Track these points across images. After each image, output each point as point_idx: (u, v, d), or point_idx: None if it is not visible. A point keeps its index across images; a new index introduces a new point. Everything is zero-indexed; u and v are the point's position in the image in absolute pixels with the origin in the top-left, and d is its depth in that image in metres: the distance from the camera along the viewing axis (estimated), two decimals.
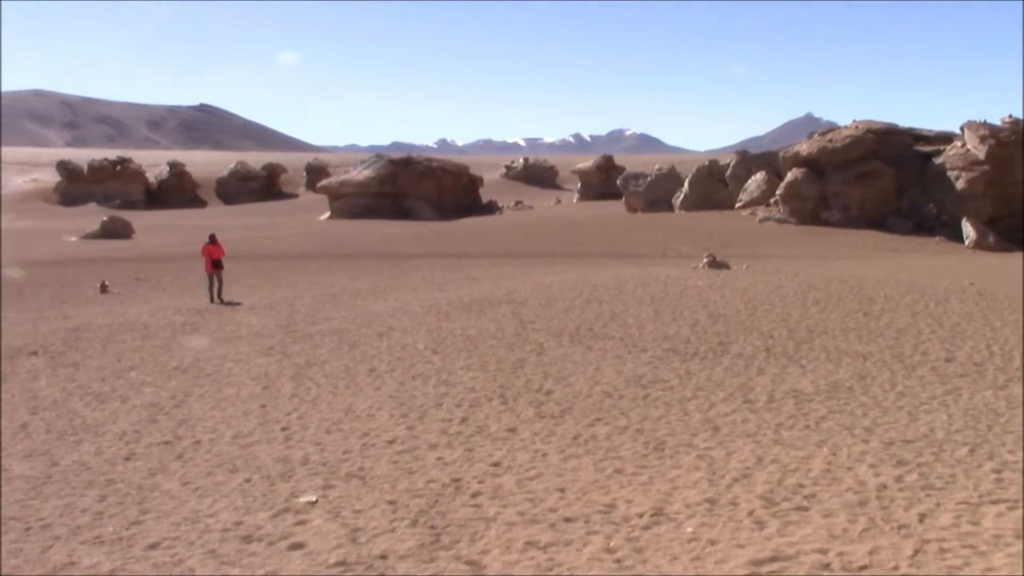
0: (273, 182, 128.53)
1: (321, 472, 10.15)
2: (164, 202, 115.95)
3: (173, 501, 9.46)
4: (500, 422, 12.03)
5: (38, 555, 8.22)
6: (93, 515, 9.17)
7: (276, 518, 8.77)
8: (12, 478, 10.61)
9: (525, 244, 50.29)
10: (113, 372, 16.46)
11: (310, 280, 32.91)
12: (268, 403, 13.60)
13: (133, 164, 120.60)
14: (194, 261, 41.94)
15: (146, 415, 13.27)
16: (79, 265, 42.73)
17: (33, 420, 13.33)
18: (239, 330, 20.56)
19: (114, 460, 11.11)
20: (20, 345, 19.72)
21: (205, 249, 27.69)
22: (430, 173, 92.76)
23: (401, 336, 18.57)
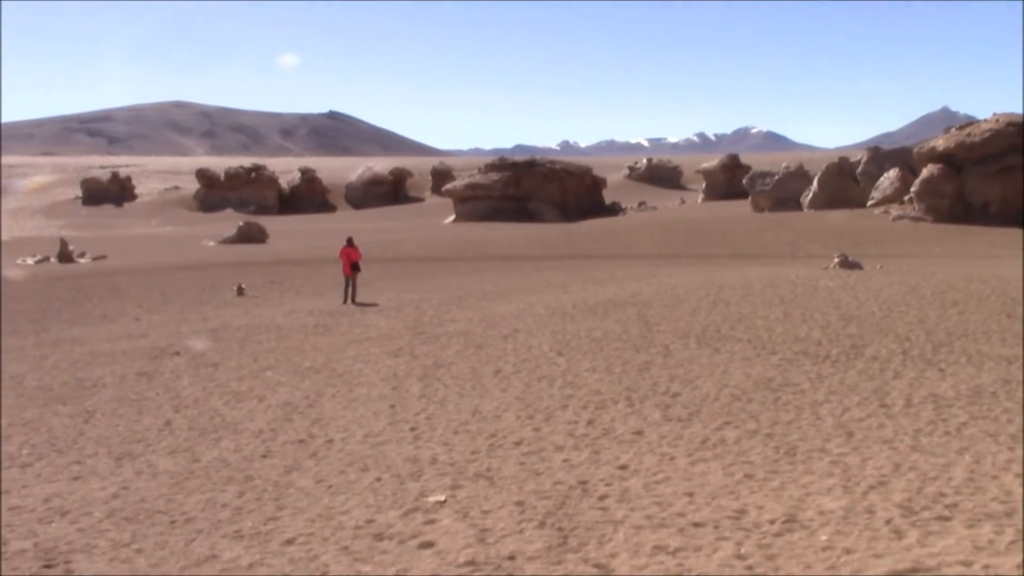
0: (400, 186, 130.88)
1: (449, 472, 10.28)
2: (296, 207, 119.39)
3: (307, 498, 9.73)
4: (626, 425, 11.96)
5: (182, 547, 8.57)
6: (233, 510, 9.51)
7: (406, 517, 8.93)
8: (158, 473, 11.11)
9: (649, 245, 49.90)
10: (250, 372, 17.04)
11: (436, 282, 33.40)
12: (397, 403, 13.85)
13: (267, 171, 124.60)
14: (325, 264, 43.11)
15: (281, 414, 13.70)
16: (217, 269, 44.41)
17: (176, 418, 13.92)
18: (368, 331, 21.01)
19: (252, 457, 11.50)
20: (164, 346, 20.62)
21: (343, 252, 28.49)
22: (553, 175, 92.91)
23: (526, 338, 18.66)
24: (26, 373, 18.46)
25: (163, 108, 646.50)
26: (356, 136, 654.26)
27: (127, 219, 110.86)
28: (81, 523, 9.46)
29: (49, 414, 14.73)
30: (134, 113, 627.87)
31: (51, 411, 14.95)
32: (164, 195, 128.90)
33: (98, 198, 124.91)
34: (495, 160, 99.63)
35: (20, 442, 13.10)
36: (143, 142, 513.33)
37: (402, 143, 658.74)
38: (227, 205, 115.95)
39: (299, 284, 35.70)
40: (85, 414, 14.57)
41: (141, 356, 19.55)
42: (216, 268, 45.17)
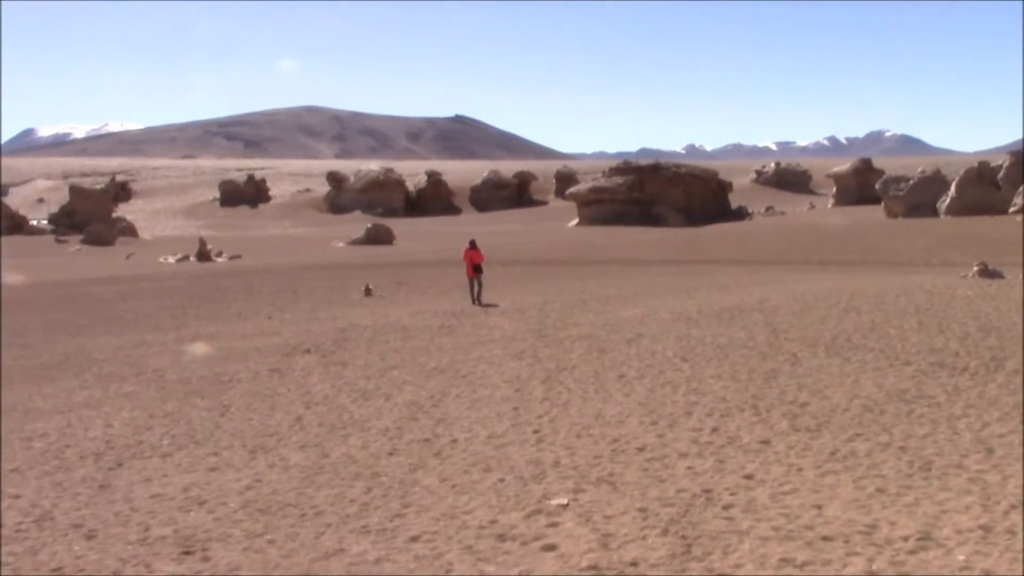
0: (524, 189, 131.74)
1: (572, 476, 10.29)
2: (422, 210, 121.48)
3: (432, 496, 9.88)
4: (752, 433, 11.75)
5: (312, 540, 8.82)
6: (360, 505, 9.74)
7: (529, 519, 8.98)
8: (289, 467, 11.46)
9: (777, 251, 48.89)
10: (377, 371, 17.41)
11: (559, 285, 33.46)
12: (520, 405, 13.94)
13: (394, 174, 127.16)
14: (450, 266, 43.70)
15: (407, 413, 13.95)
16: (346, 269, 45.51)
17: (307, 414, 14.33)
18: (492, 333, 21.20)
19: (378, 454, 11.75)
20: (295, 343, 21.26)
21: (467, 254, 28.96)
22: (678, 179, 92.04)
23: (650, 343, 18.53)
24: (167, 367, 19.30)
25: (296, 113, 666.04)
26: (482, 140, 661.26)
27: (261, 220, 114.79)
28: (217, 512, 9.84)
29: (188, 407, 15.36)
30: (269, 117, 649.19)
31: (190, 404, 15.59)
32: (296, 197, 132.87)
33: (234, 200, 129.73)
34: (619, 164, 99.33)
35: (161, 433, 13.71)
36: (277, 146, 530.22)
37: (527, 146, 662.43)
38: (356, 207, 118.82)
39: (424, 285, 36.29)
40: (221, 408, 15.14)
41: (274, 353, 20.19)
42: (345, 269, 46.30)
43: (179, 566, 8.45)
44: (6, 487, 11.46)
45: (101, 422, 14.67)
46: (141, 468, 11.91)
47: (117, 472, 11.82)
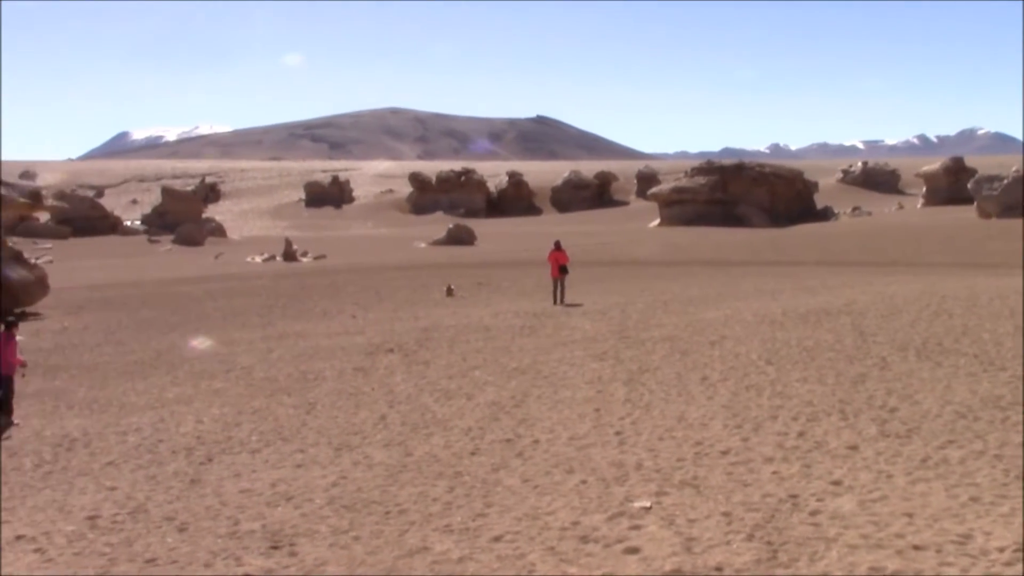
0: (605, 190, 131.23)
1: (655, 478, 10.22)
2: (503, 210, 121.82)
3: (514, 497, 9.91)
4: (840, 439, 11.52)
5: (396, 537, 8.92)
6: (443, 504, 9.82)
7: (611, 521, 8.95)
8: (373, 464, 11.62)
9: (864, 252, 47.85)
10: (459, 371, 17.53)
11: (641, 286, 33.25)
12: (602, 407, 13.89)
13: (476, 175, 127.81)
14: (530, 267, 43.75)
15: (489, 413, 14.02)
16: (428, 269, 45.91)
17: (390, 412, 14.50)
18: (573, 334, 21.17)
19: (461, 454, 11.83)
20: (379, 342, 21.52)
21: (552, 256, 29.11)
22: (762, 179, 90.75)
23: (734, 345, 18.30)
24: (254, 365, 19.71)
25: (380, 115, 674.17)
26: (563, 140, 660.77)
27: (345, 220, 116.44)
28: (304, 508, 10.02)
29: (275, 404, 15.68)
30: (353, 120, 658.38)
31: (277, 401, 15.90)
32: (379, 198, 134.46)
33: (319, 200, 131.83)
34: (702, 163, 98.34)
35: (249, 429, 14.02)
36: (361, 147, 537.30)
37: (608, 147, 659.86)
38: (438, 208, 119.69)
39: (505, 286, 36.40)
40: (307, 405, 15.41)
41: (358, 352, 20.48)
42: (427, 269, 46.70)
43: (267, 560, 8.63)
44: (102, 480, 11.85)
45: (192, 418, 15.07)
46: (230, 463, 12.20)
47: (207, 467, 12.12)
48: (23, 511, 10.70)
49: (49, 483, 11.89)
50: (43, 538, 9.68)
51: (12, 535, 9.82)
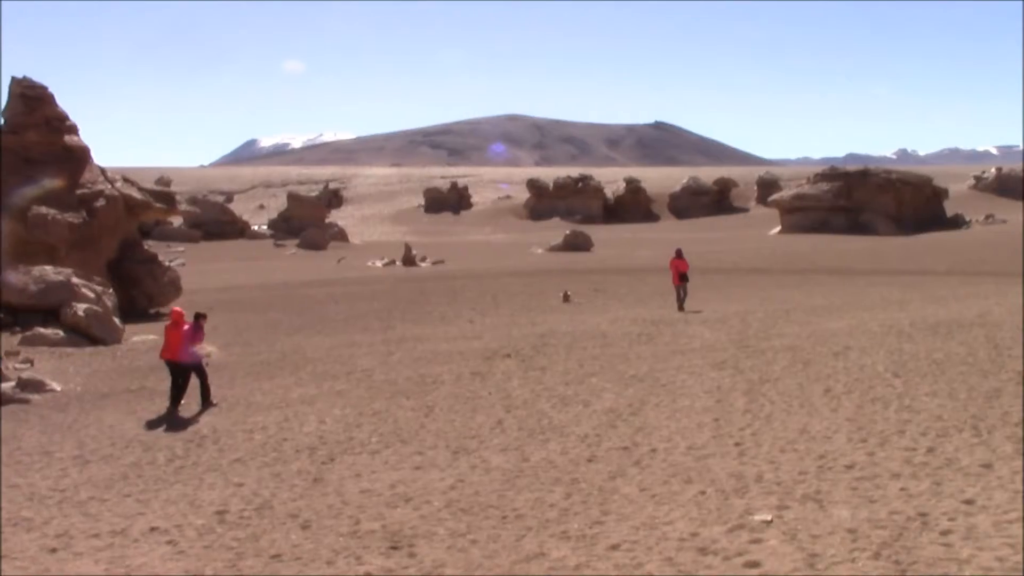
0: (724, 196, 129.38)
1: (776, 491, 9.99)
2: (620, 217, 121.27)
3: (632, 505, 9.84)
4: (972, 456, 11.05)
5: (513, 543, 8.96)
6: (560, 511, 9.81)
7: (731, 533, 8.79)
8: (490, 469, 11.70)
9: (998, 261, 45.90)
10: (576, 377, 17.51)
11: (761, 295, 32.66)
12: (721, 417, 13.67)
13: (593, 181, 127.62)
14: (648, 273, 43.47)
15: (606, 420, 13.95)
16: (544, 275, 46.04)
17: (507, 417, 14.58)
18: (692, 342, 20.92)
19: (577, 460, 11.81)
20: (496, 348, 21.67)
21: (673, 263, 29.06)
22: (888, 185, 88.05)
23: (859, 356, 17.77)
24: (375, 367, 20.10)
25: (498, 122, 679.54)
26: (681, 146, 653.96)
27: (463, 226, 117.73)
28: (423, 510, 10.16)
29: (394, 406, 15.94)
30: (472, 126, 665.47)
31: (396, 404, 16.17)
32: (497, 204, 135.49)
33: (438, 206, 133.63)
34: (825, 169, 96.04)
35: (370, 430, 14.30)
36: (479, 153, 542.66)
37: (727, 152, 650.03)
38: (555, 214, 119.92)
39: (623, 292, 36.24)
40: (426, 408, 15.63)
41: (475, 356, 20.66)
42: (543, 275, 46.84)
43: (387, 560, 8.77)
44: (230, 476, 12.25)
45: (315, 418, 15.45)
46: (351, 463, 12.46)
47: (329, 466, 12.41)
48: (157, 504, 11.15)
49: (180, 478, 12.36)
50: (175, 531, 10.07)
51: (147, 527, 10.25)
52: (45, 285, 28.20)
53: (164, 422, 16.01)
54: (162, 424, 15.84)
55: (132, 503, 11.27)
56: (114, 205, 36.62)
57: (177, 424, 15.76)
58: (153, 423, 15.97)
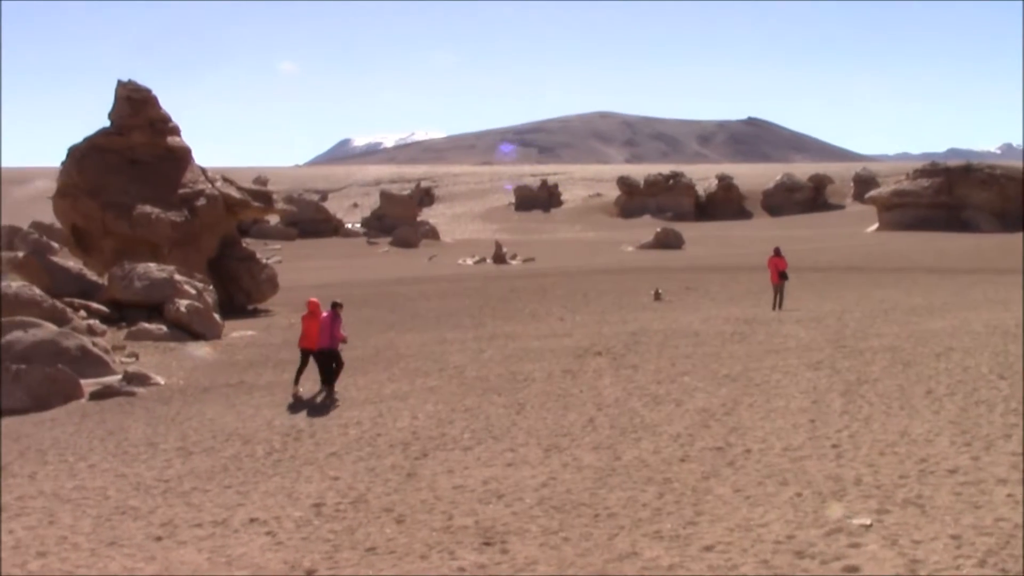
0: (819, 193, 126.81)
1: (875, 495, 9.76)
2: (711, 214, 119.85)
3: (726, 506, 9.72)
4: None
5: (605, 541, 8.95)
6: (652, 510, 9.76)
7: (828, 537, 8.62)
8: (582, 467, 11.69)
9: None
10: (668, 376, 17.37)
11: (859, 293, 31.94)
12: (817, 418, 13.41)
13: (684, 178, 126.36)
14: (740, 272, 42.88)
15: (698, 420, 13.81)
16: (635, 273, 45.78)
17: (598, 416, 14.55)
18: (787, 342, 20.56)
19: (670, 460, 11.72)
20: (587, 345, 21.63)
21: (771, 261, 28.71)
22: (992, 181, 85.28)
23: (962, 358, 17.23)
24: (466, 364, 20.25)
25: (589, 119, 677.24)
26: (775, 142, 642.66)
27: (553, 224, 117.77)
28: (515, 507, 10.21)
29: (486, 403, 16.04)
30: (562, 124, 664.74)
31: (488, 400, 16.27)
32: (587, 202, 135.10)
33: (528, 204, 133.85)
34: (925, 165, 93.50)
35: (462, 427, 14.42)
36: (570, 151, 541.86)
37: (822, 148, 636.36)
38: (645, 212, 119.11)
39: (714, 291, 35.80)
40: (517, 405, 15.69)
41: (566, 354, 20.65)
42: (634, 272, 46.57)
43: (480, 556, 8.84)
44: (326, 469, 12.49)
45: (408, 414, 15.65)
46: (444, 459, 12.59)
47: (422, 462, 12.56)
48: (256, 495, 11.44)
49: (279, 470, 12.65)
50: (274, 522, 10.32)
51: (247, 517, 10.52)
52: (149, 282, 29.13)
53: (261, 417, 16.37)
54: (262, 417, 16.23)
55: (232, 494, 11.58)
56: (214, 204, 37.62)
57: (276, 418, 16.12)
58: (252, 416, 16.37)
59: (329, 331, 18.01)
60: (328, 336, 17.98)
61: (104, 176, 36.86)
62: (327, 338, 17.98)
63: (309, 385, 18.25)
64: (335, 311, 18.34)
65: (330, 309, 18.35)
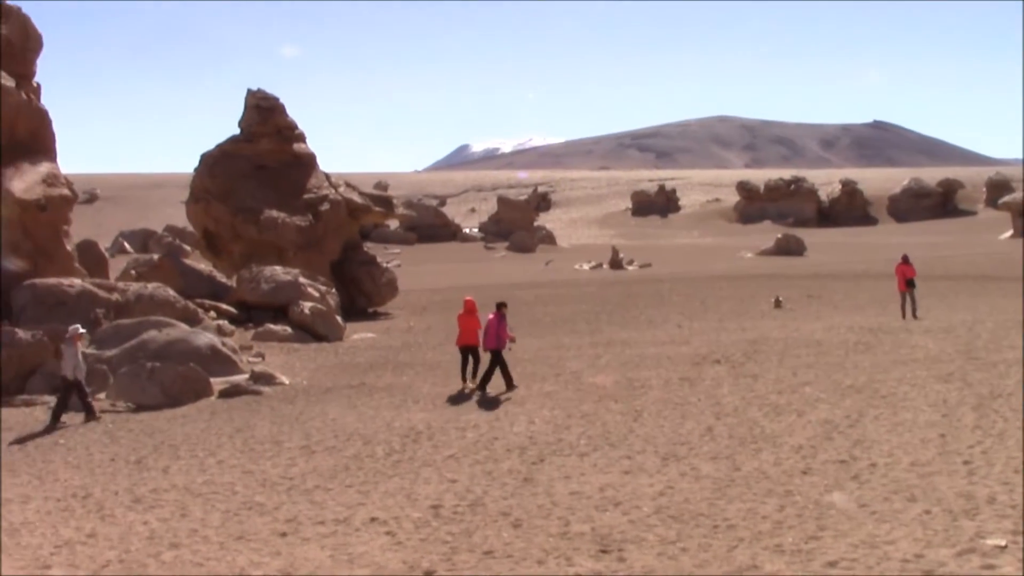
0: (949, 198, 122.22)
1: (1011, 515, 9.35)
2: (834, 220, 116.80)
3: (850, 522, 9.46)
4: None
5: (724, 553, 8.81)
6: (773, 523, 9.56)
7: (960, 557, 8.30)
8: (700, 476, 11.54)
9: None
10: (789, 386, 17.00)
11: (991, 303, 30.69)
12: (947, 433, 12.93)
13: (806, 183, 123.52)
14: (866, 279, 41.71)
15: (821, 431, 13.48)
16: (754, 280, 44.97)
17: (717, 424, 14.34)
18: (914, 352, 19.89)
19: (791, 472, 11.47)
20: (705, 353, 21.36)
21: (899, 268, 28.00)
22: None
23: None
24: (583, 370, 20.23)
25: (708, 123, 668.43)
26: (901, 146, 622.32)
27: (670, 229, 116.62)
28: (632, 515, 10.14)
29: (603, 410, 16.00)
30: (680, 128, 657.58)
31: (604, 407, 16.22)
32: (705, 207, 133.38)
33: (645, 209, 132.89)
34: None
35: (578, 433, 14.41)
36: (688, 156, 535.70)
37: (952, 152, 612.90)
38: (765, 217, 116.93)
39: (838, 299, 34.90)
40: (634, 412, 15.59)
41: (684, 362, 20.43)
42: (753, 279, 45.76)
43: (596, 563, 8.82)
44: (444, 472, 12.65)
45: (525, 418, 15.72)
46: (561, 465, 12.60)
47: (539, 467, 12.59)
48: (376, 495, 11.66)
49: (398, 471, 12.86)
50: (393, 522, 10.50)
51: (368, 517, 10.74)
52: (275, 284, 30.06)
53: (381, 419, 16.67)
54: (382, 418, 16.53)
55: (354, 493, 11.83)
56: (337, 209, 38.57)
57: (395, 420, 16.39)
58: (372, 417, 16.69)
59: (495, 332, 18.47)
60: (494, 337, 18.45)
61: (234, 182, 38.20)
62: (492, 339, 18.46)
63: (437, 389, 18.50)
64: (500, 312, 18.89)
65: (495, 310, 18.90)
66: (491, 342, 18.48)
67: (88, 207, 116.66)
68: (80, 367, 17.89)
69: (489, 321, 18.63)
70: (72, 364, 17.67)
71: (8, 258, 23.75)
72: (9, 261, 23.78)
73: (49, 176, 25.92)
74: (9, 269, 23.71)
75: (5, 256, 23.87)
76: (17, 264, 23.86)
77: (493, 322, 18.57)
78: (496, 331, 18.46)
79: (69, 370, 17.64)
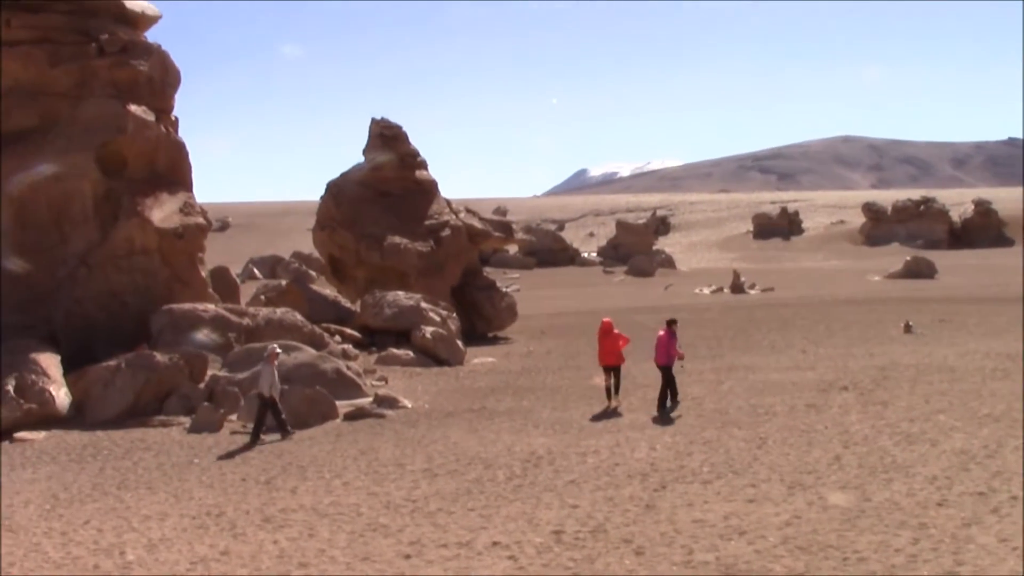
0: None
1: None
2: (967, 241, 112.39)
3: (990, 557, 9.08)
4: None
5: None
6: (907, 556, 9.25)
7: None
8: (828, 506, 11.25)
9: None
10: (921, 414, 16.43)
11: None
12: None
13: (936, 203, 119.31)
14: (1002, 303, 39.94)
15: (957, 461, 12.98)
16: (882, 304, 43.59)
17: (845, 453, 13.95)
18: None
19: (926, 504, 11.07)
20: (831, 380, 20.81)
21: None
22: None
23: None
24: (705, 396, 19.96)
25: (831, 143, 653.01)
26: None
27: (793, 252, 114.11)
28: (757, 545, 9.95)
29: (726, 436, 15.74)
30: (802, 150, 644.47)
31: (727, 434, 15.95)
32: (830, 229, 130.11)
33: (767, 232, 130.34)
34: None
35: (701, 460, 14.21)
36: (811, 177, 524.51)
37: None
38: (893, 239, 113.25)
39: (972, 324, 33.51)
40: (758, 440, 15.29)
41: (809, 388, 19.95)
42: (881, 303, 44.37)
43: None
44: (565, 497, 12.64)
45: (646, 444, 15.59)
46: (683, 492, 12.45)
47: (661, 493, 12.47)
48: (498, 519, 11.73)
49: (519, 496, 12.91)
50: (515, 547, 10.54)
51: (490, 541, 10.81)
52: (398, 309, 30.60)
53: (502, 443, 16.76)
54: (503, 442, 16.62)
55: (475, 517, 11.93)
56: (458, 235, 39.07)
57: (516, 444, 16.46)
58: (493, 441, 16.79)
59: (665, 349, 18.80)
60: (664, 354, 18.77)
61: (358, 209, 39.11)
62: (663, 355, 18.80)
63: (556, 414, 18.49)
64: (670, 329, 19.26)
65: (666, 327, 19.30)
66: (661, 358, 18.82)
67: (220, 235, 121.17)
68: (276, 385, 18.47)
69: (659, 338, 19.06)
70: (268, 382, 18.29)
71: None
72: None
73: (186, 205, 27.05)
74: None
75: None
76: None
77: (663, 339, 18.95)
78: (666, 348, 18.78)
79: (266, 388, 18.28)
